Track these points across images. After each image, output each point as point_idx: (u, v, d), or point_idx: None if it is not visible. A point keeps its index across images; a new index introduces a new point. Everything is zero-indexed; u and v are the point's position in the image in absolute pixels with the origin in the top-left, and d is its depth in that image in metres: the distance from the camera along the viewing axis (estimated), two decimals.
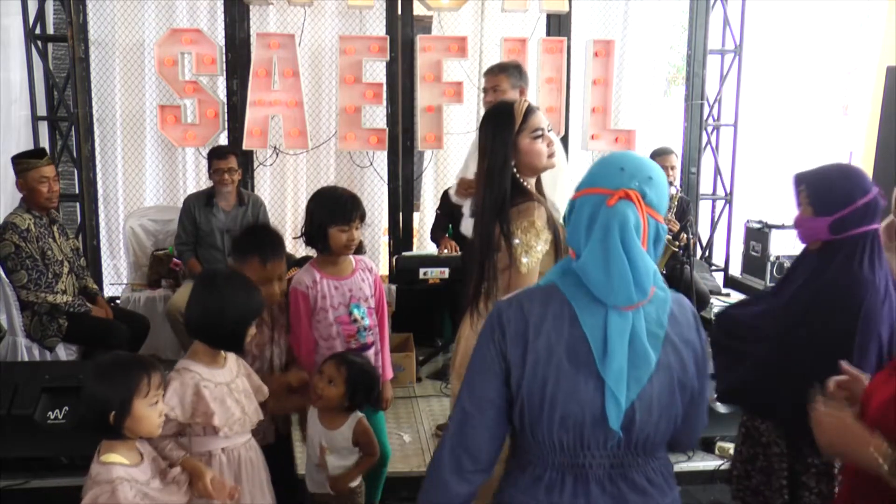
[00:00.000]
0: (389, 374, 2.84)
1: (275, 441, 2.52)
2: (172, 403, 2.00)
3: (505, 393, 1.41)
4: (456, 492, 1.43)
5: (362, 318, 2.65)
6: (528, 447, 1.44)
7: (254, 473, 2.19)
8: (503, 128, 2.22)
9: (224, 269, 2.47)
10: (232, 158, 4.29)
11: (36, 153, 3.87)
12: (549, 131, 2.24)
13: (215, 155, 4.30)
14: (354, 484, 2.53)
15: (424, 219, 5.72)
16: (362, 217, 2.63)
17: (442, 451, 1.45)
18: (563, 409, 1.36)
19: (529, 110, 2.22)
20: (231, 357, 2.20)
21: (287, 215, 5.64)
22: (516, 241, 2.11)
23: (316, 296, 2.57)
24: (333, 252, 2.58)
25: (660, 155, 4.72)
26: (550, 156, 2.23)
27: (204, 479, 1.93)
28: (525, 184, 2.22)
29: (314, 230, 2.57)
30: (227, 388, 2.11)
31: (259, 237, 2.51)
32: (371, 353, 2.68)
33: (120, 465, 1.79)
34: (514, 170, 2.20)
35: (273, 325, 2.51)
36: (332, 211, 2.54)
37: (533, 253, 2.12)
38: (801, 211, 2.21)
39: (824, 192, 2.13)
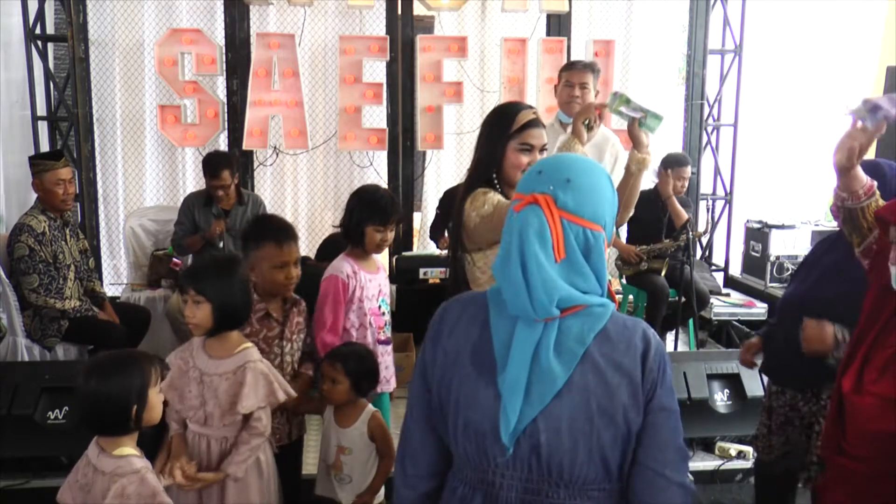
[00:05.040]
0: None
1: (288, 443, 2.53)
2: None
3: (428, 394, 1.36)
4: (403, 495, 1.39)
5: (387, 312, 2.75)
6: (454, 458, 1.36)
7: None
8: (498, 129, 2.24)
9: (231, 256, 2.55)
10: (225, 174, 4.15)
11: (52, 155, 3.87)
12: (542, 152, 2.22)
13: (207, 171, 4.19)
14: (378, 501, 2.53)
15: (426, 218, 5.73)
16: (399, 219, 2.72)
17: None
18: (465, 416, 1.28)
19: (532, 124, 2.21)
20: (237, 359, 2.16)
21: (287, 215, 5.63)
22: (472, 213, 2.17)
23: (355, 286, 2.63)
24: (366, 250, 2.66)
25: (677, 165, 4.59)
26: None
27: (174, 462, 2.06)
28: (498, 189, 2.23)
29: (353, 226, 2.64)
30: (198, 376, 2.14)
31: (271, 222, 2.55)
32: (391, 347, 2.77)
33: (135, 456, 1.83)
34: (495, 173, 2.23)
35: (284, 321, 2.50)
36: (371, 210, 2.61)
37: (482, 208, 2.16)
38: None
39: (885, 180, 2.19)
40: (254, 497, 2.18)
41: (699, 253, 5.61)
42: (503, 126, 2.22)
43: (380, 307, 2.72)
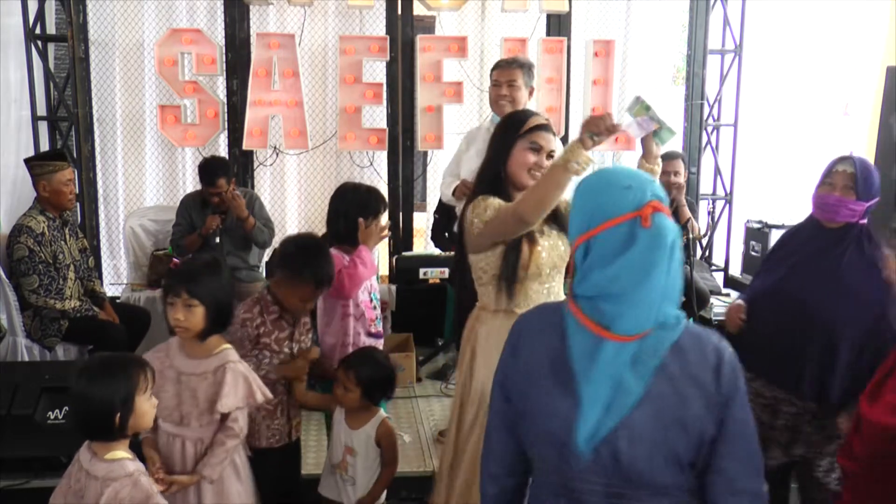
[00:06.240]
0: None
1: (288, 443, 2.54)
2: None
3: (506, 403, 1.42)
4: (488, 492, 1.49)
5: (378, 307, 2.81)
6: (534, 464, 1.40)
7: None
8: (509, 130, 2.23)
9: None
10: (221, 182, 4.12)
11: (53, 155, 3.87)
12: (549, 157, 2.20)
13: (203, 179, 4.17)
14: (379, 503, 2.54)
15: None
16: (386, 208, 2.81)
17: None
18: (545, 425, 1.32)
19: (543, 127, 2.20)
20: (217, 358, 2.14)
21: (287, 215, 5.64)
22: (475, 220, 2.16)
23: None
24: (367, 245, 2.69)
25: (667, 159, 4.57)
26: (532, 175, 2.18)
27: (152, 467, 2.04)
28: (502, 188, 2.21)
29: (348, 225, 2.67)
30: (175, 375, 2.13)
31: (319, 260, 2.46)
32: (382, 342, 2.82)
33: (128, 460, 1.82)
34: (501, 172, 2.21)
35: (294, 322, 2.53)
36: (364, 205, 2.66)
37: (483, 214, 2.14)
38: (840, 192, 2.34)
39: (870, 179, 2.30)
40: (234, 499, 2.16)
41: (699, 253, 5.61)
42: (514, 127, 2.22)
43: (371, 300, 2.76)
